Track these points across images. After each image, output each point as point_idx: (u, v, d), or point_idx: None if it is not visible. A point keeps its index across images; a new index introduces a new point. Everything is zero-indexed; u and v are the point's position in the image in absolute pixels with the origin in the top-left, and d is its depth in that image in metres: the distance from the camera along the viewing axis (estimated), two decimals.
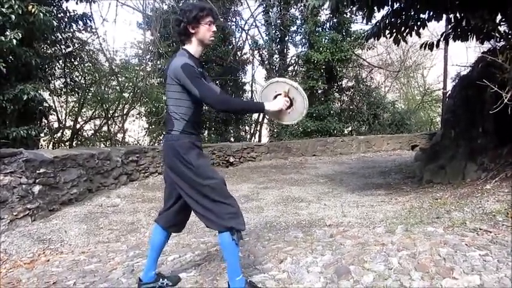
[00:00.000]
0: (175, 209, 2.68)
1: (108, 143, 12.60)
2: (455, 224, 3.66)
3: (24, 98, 7.06)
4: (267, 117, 18.60)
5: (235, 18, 18.18)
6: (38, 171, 5.10)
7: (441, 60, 17.16)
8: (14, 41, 6.52)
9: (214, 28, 2.60)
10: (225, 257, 2.54)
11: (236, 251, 2.49)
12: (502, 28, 5.77)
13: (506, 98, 4.04)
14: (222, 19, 16.09)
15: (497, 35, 5.66)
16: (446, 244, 3.04)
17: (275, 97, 2.73)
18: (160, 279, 2.83)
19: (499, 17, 5.65)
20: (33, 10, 6.70)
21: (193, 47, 2.59)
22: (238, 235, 2.45)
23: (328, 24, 16.80)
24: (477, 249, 2.89)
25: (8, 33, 6.60)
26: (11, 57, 7.26)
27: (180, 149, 2.47)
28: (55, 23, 7.91)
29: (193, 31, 2.53)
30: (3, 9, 6.49)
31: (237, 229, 2.44)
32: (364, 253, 3.04)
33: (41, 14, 6.81)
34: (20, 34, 6.58)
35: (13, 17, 6.56)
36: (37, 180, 5.08)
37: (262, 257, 3.21)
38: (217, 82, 15.91)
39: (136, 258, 3.70)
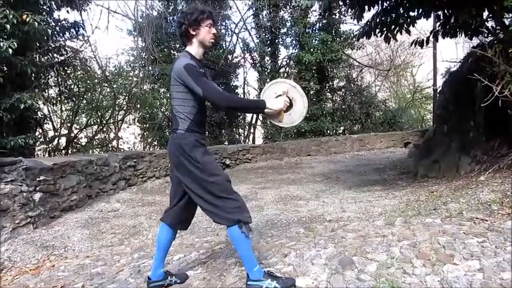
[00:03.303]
0: (181, 206, 2.75)
1: (103, 149, 12.59)
2: (453, 214, 3.76)
3: (21, 107, 7.08)
4: (261, 120, 18.69)
5: (225, 22, 18.25)
6: (38, 179, 5.13)
7: (429, 59, 17.43)
8: (10, 50, 6.54)
9: (214, 30, 2.69)
10: (238, 250, 2.61)
11: (248, 244, 2.56)
12: (490, 24, 5.92)
13: (496, 90, 4.15)
14: None
15: (485, 30, 5.81)
16: (445, 233, 3.13)
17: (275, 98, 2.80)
18: (169, 277, 2.89)
19: (486, 13, 5.79)
20: (27, 19, 6.73)
21: (194, 49, 2.68)
22: (246, 227, 2.53)
23: (317, 25, 16.95)
24: (475, 236, 2.98)
25: (3, 43, 6.62)
26: (5, 66, 7.29)
27: (186, 147, 2.54)
28: (49, 32, 7.94)
29: (194, 33, 2.63)
30: None
31: (244, 221, 2.52)
32: (366, 244, 3.12)
33: (36, 23, 6.84)
34: (15, 43, 6.60)
35: (8, 26, 6.59)
36: (37, 188, 5.11)
37: (267, 252, 3.28)
38: None
39: (142, 260, 3.75)
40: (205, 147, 2.65)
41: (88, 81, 11.82)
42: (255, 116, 19.10)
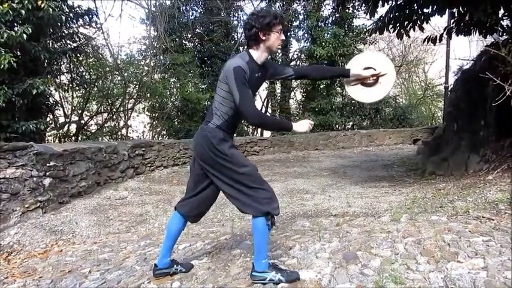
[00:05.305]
0: (200, 199, 2.75)
1: (113, 137, 12.69)
2: (459, 212, 3.76)
3: (34, 93, 7.15)
4: (269, 113, 18.64)
5: (238, 13, 18.19)
6: (48, 164, 5.19)
7: (442, 56, 17.26)
8: (24, 35, 6.60)
9: (283, 37, 2.61)
10: (255, 240, 2.61)
11: (267, 235, 2.59)
12: (505, 22, 5.85)
13: (508, 90, 4.11)
14: (224, 14, 16.12)
15: (500, 28, 5.74)
16: (451, 231, 3.13)
17: (366, 68, 2.93)
18: (174, 266, 2.92)
19: (501, 11, 5.72)
20: (42, 5, 6.77)
21: (258, 53, 2.59)
22: (272, 220, 2.55)
23: (330, 19, 16.87)
24: (480, 235, 2.98)
25: (18, 28, 6.67)
26: (19, 52, 7.36)
27: (214, 140, 2.54)
28: (63, 18, 7.99)
29: (263, 38, 2.53)
30: (14, 4, 6.56)
31: (273, 214, 2.53)
32: (371, 240, 3.13)
33: (50, 9, 6.89)
34: (29, 29, 6.66)
35: (23, 12, 6.64)
36: (47, 173, 5.18)
37: (271, 245, 3.29)
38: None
39: (148, 247, 3.79)
40: (231, 143, 2.66)
41: (100, 69, 11.88)
42: (263, 108, 19.08)
